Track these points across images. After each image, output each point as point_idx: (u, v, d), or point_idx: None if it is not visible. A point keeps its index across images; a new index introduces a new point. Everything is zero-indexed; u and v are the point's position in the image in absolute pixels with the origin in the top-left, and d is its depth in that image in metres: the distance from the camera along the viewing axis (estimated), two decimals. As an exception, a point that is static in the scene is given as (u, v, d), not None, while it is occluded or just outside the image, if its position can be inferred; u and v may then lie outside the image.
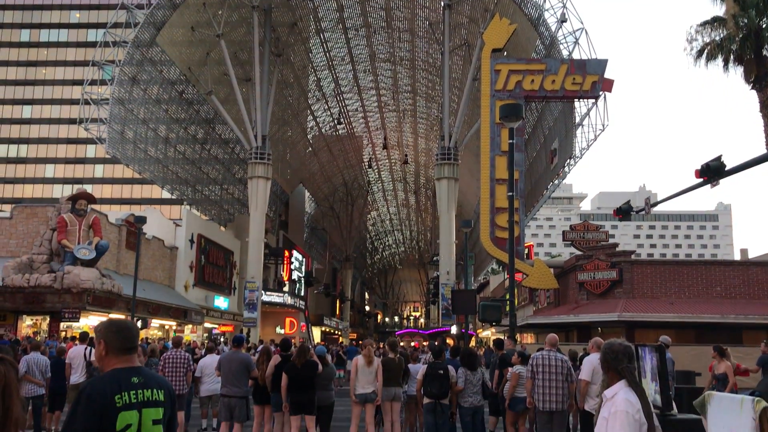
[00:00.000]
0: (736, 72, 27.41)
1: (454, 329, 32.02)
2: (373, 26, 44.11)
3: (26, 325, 26.70)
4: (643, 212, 20.07)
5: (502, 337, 15.42)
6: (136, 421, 3.12)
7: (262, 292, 38.27)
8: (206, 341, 27.77)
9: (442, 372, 9.77)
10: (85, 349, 12.84)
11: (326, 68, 49.18)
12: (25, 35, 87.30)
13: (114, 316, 28.34)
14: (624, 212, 19.92)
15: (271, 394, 10.56)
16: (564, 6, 30.61)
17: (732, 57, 26.89)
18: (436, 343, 12.58)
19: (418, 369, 11.54)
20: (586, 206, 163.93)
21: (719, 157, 13.66)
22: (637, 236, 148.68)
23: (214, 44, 36.06)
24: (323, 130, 58.99)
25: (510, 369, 11.04)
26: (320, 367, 10.35)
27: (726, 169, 13.56)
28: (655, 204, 20.14)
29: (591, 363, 9.12)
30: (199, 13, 35.20)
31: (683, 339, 22.75)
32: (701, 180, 13.87)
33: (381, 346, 21.15)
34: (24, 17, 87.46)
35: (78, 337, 14.21)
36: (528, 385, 9.82)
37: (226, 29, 35.89)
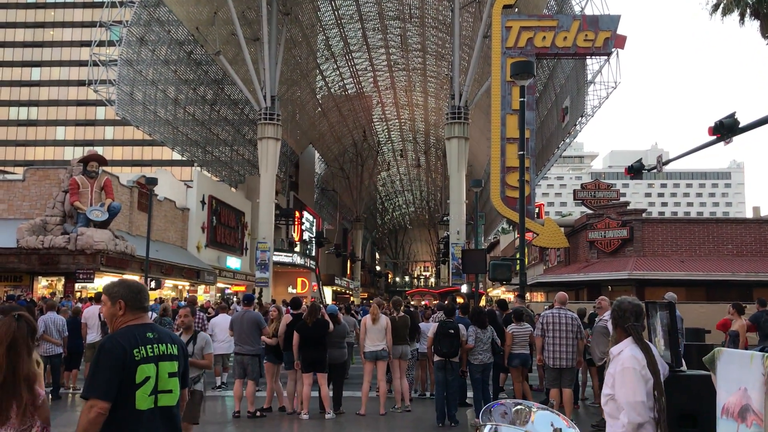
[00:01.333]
0: (753, 26, 26.93)
1: (464, 288, 32.19)
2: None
3: (42, 285, 27.09)
4: (655, 170, 19.90)
5: (510, 298, 15.64)
6: (154, 373, 3.24)
7: (274, 252, 38.51)
8: (220, 300, 28.10)
9: (452, 331, 9.94)
10: (101, 309, 13.04)
11: (335, 27, 48.60)
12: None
13: (128, 276, 28.66)
14: (635, 171, 19.76)
15: (283, 353, 10.75)
16: (577, -40, 30.00)
17: (749, 11, 26.36)
18: (445, 302, 12.73)
19: (430, 327, 11.73)
20: (597, 165, 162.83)
21: (733, 114, 13.47)
22: (648, 195, 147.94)
23: (222, 3, 35.64)
24: (332, 90, 58.59)
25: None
26: (331, 325, 10.51)
27: (740, 126, 13.38)
28: (667, 162, 19.95)
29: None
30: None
31: (694, 297, 22.80)
32: (714, 137, 13.70)
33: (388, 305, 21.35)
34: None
35: (93, 297, 14.44)
36: (538, 343, 9.94)
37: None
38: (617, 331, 4.00)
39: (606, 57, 28.31)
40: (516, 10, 29.73)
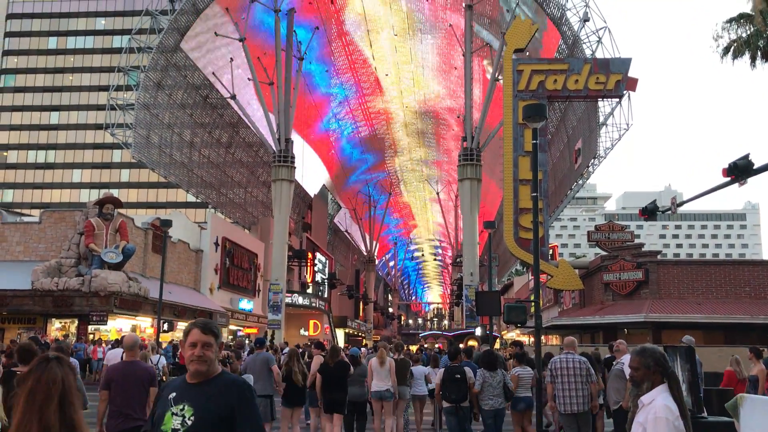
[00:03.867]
0: (764, 68, 27.04)
1: (478, 331, 31.88)
2: (396, 29, 44.18)
3: (55, 327, 27.11)
4: (669, 212, 19.82)
5: (524, 340, 15.61)
6: None
7: (286, 293, 38.42)
8: (258, 343, 27.89)
9: (459, 376, 9.88)
10: (123, 352, 12.99)
11: (348, 70, 49.33)
12: (52, 42, 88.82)
13: (141, 318, 28.67)
14: (650, 212, 19.66)
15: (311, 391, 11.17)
16: (586, 5, 30.44)
17: (759, 53, 26.48)
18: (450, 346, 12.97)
19: (422, 371, 12.69)
20: (610, 206, 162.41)
21: (747, 156, 13.45)
22: (663, 236, 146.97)
23: (237, 48, 36.36)
24: (345, 132, 59.17)
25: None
26: (352, 368, 10.82)
27: (754, 167, 13.34)
28: (682, 203, 19.86)
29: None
30: (222, 18, 35.52)
31: (712, 340, 22.46)
32: (729, 179, 13.66)
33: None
34: (51, 25, 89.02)
35: (115, 340, 14.50)
36: (549, 390, 9.82)
37: (248, 33, 36.15)
38: (655, 378, 3.77)
39: (618, 99, 28.45)
40: (527, 53, 30.06)
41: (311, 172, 57.23)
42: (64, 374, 2.47)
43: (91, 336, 25.87)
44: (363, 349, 22.11)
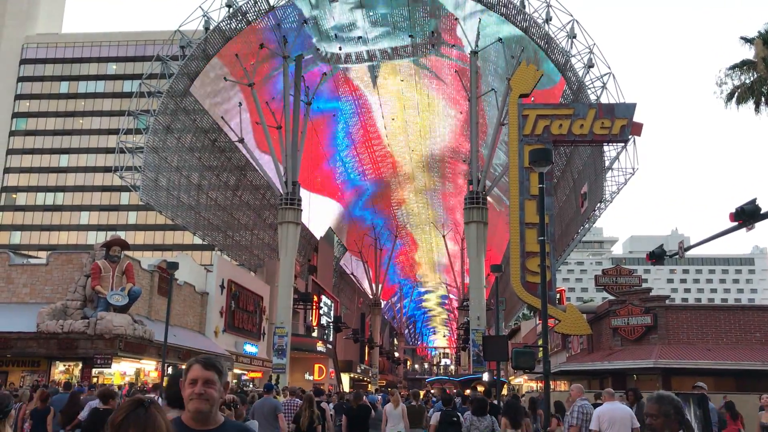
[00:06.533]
0: (768, 114, 27.22)
1: (485, 376, 31.50)
2: (402, 74, 44.81)
3: (59, 371, 26.88)
4: (677, 256, 19.75)
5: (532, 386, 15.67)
6: None
7: (291, 337, 38.13)
8: (266, 388, 27.59)
9: (455, 419, 10.67)
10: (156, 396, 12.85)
11: (355, 115, 49.89)
12: (64, 87, 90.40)
13: (145, 362, 28.46)
14: (657, 256, 19.61)
15: None
16: (591, 51, 30.87)
17: (763, 99, 26.71)
18: (443, 392, 13.90)
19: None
20: (617, 250, 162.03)
21: (754, 200, 13.49)
22: (670, 281, 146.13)
23: (246, 93, 36.90)
24: (351, 176, 59.53)
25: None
26: (373, 412, 12.37)
27: (761, 212, 13.37)
28: (689, 248, 19.82)
29: (597, 413, 9.14)
30: (231, 64, 36.14)
31: (722, 387, 22.10)
32: (736, 223, 13.68)
33: (404, 393, 22.42)
34: (63, 70, 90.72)
35: (150, 387, 14.51)
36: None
37: (257, 78, 36.72)
38: (673, 426, 3.74)
39: (623, 144, 28.58)
40: (532, 99, 30.37)
41: (317, 215, 57.39)
42: (165, 418, 2.45)
43: (94, 380, 25.63)
44: (379, 396, 22.02)
